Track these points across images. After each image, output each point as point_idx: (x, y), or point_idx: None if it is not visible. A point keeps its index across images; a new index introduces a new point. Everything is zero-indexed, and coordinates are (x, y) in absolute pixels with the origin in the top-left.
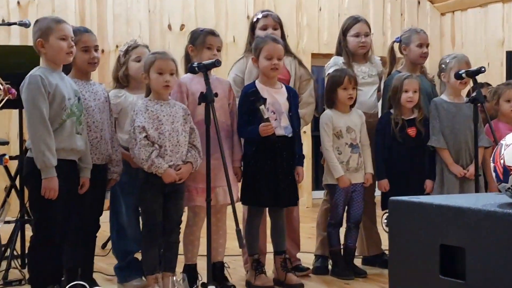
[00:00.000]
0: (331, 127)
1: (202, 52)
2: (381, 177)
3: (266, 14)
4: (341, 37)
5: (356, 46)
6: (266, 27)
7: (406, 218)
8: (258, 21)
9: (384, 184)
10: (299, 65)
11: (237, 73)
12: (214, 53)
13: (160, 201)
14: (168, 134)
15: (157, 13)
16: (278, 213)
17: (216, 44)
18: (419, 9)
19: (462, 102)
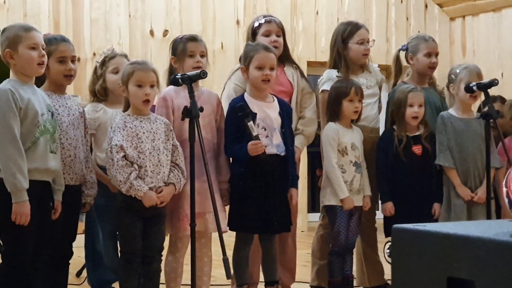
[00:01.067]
0: (337, 142)
1: (184, 62)
2: (385, 200)
3: (269, 19)
4: (340, 45)
5: (360, 54)
6: (269, 33)
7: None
8: (260, 27)
9: (388, 207)
10: (301, 77)
11: (238, 82)
12: (197, 60)
13: (139, 226)
14: (149, 153)
15: (138, 18)
16: (269, 240)
17: (199, 50)
18: (427, 13)
19: (472, 117)
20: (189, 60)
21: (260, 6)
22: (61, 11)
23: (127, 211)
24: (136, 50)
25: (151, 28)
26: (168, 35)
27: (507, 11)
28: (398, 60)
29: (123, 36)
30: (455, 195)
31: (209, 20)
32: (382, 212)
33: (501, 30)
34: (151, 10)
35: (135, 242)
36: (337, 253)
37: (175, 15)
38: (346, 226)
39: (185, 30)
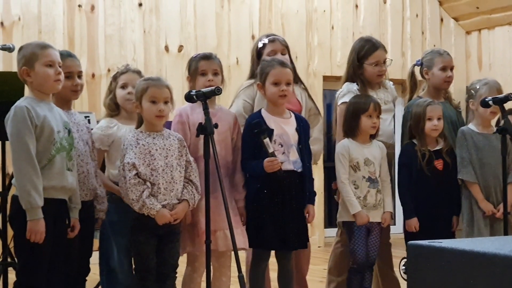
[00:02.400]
0: (347, 158)
1: (197, 80)
2: (410, 216)
3: (272, 38)
4: (355, 63)
5: (375, 75)
6: (275, 52)
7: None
8: (265, 47)
9: (413, 223)
10: (309, 98)
11: (246, 99)
12: (209, 79)
13: (153, 244)
14: (162, 170)
15: (153, 34)
16: (286, 256)
17: (211, 68)
18: (442, 28)
19: (491, 132)
20: (201, 78)
21: (276, 21)
22: (76, 28)
23: (140, 228)
24: (151, 66)
25: (166, 44)
26: (183, 50)
27: None
28: (413, 75)
29: (138, 52)
30: (478, 210)
31: (224, 35)
32: (406, 228)
33: None
34: (166, 25)
35: (149, 260)
36: (356, 270)
37: (190, 30)
38: (364, 242)
39: (200, 45)
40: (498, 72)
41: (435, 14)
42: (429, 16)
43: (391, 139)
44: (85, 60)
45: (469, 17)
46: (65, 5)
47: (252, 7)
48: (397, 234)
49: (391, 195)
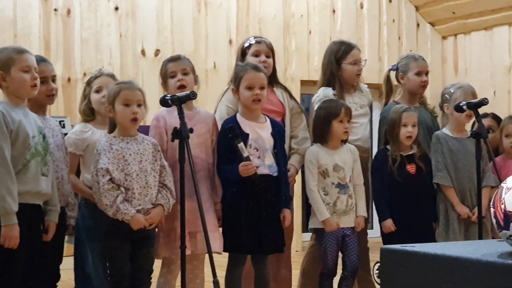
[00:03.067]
0: (316, 165)
1: (168, 83)
2: (384, 218)
3: (259, 40)
4: (333, 66)
5: (354, 75)
6: (259, 53)
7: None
8: (250, 47)
9: (389, 224)
10: (290, 98)
11: (229, 104)
12: (179, 79)
13: (128, 249)
14: (136, 175)
15: (129, 38)
16: (262, 261)
17: (180, 68)
18: (419, 33)
19: (466, 136)
20: (171, 80)
21: (253, 25)
22: (52, 32)
23: (115, 234)
24: (127, 70)
25: (142, 48)
26: (159, 54)
27: (498, 29)
28: (389, 80)
29: (114, 56)
30: (453, 214)
31: (201, 40)
32: (383, 229)
33: (493, 49)
34: (142, 29)
35: (124, 265)
36: (326, 275)
37: (166, 34)
38: (334, 248)
39: (177, 50)
40: (474, 77)
41: (412, 19)
42: (406, 21)
43: (367, 143)
44: (61, 64)
45: (445, 22)
46: (40, 9)
47: (229, 12)
48: (374, 238)
49: (364, 199)
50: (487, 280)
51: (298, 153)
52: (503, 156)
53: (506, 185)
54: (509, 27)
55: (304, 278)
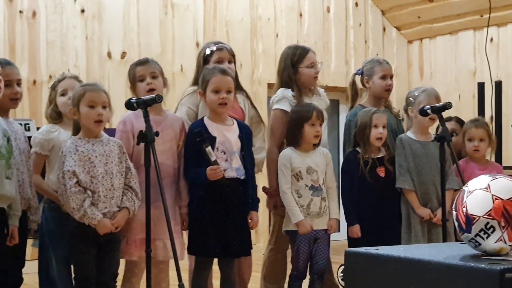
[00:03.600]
0: (289, 167)
1: (137, 87)
2: (352, 223)
3: (221, 46)
4: (290, 70)
5: (311, 78)
6: (222, 60)
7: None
8: (212, 54)
9: (355, 230)
10: (251, 106)
11: (190, 106)
12: (148, 82)
13: (93, 252)
14: (102, 178)
15: (96, 40)
16: (228, 264)
17: (148, 72)
18: (385, 37)
19: (429, 140)
20: (140, 84)
21: (220, 28)
22: (17, 34)
23: (81, 237)
24: (93, 72)
25: (108, 50)
26: (126, 57)
27: (463, 33)
28: (354, 84)
29: (80, 59)
30: (415, 217)
31: (168, 42)
32: (349, 234)
33: (458, 53)
34: (109, 32)
35: (89, 269)
36: (296, 277)
37: (133, 37)
38: (307, 250)
39: (143, 52)
40: (439, 80)
41: (378, 23)
42: (372, 25)
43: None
44: (26, 67)
45: (411, 27)
46: (5, 11)
47: (196, 14)
48: (342, 241)
49: (337, 201)
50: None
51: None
52: (465, 159)
53: (468, 188)
54: (474, 31)
55: (266, 282)
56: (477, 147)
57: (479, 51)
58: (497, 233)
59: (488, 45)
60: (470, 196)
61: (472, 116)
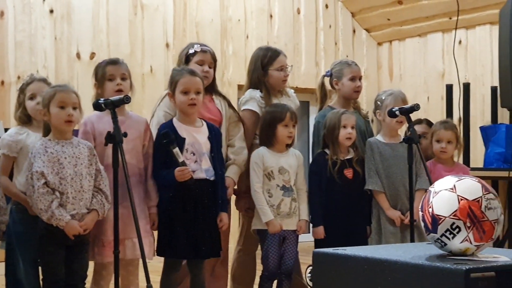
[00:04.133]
0: (261, 167)
1: (105, 86)
2: (317, 224)
3: (205, 49)
4: (259, 71)
5: (280, 81)
6: (203, 62)
7: (330, 272)
8: (195, 54)
9: (320, 231)
10: (229, 106)
11: (167, 109)
12: (118, 83)
13: (62, 254)
14: (71, 179)
15: (64, 41)
16: (198, 265)
17: (119, 73)
18: (355, 38)
19: (398, 142)
20: (109, 84)
21: (190, 29)
22: None
23: (49, 238)
24: (62, 73)
25: (77, 51)
26: (95, 58)
27: (432, 36)
28: (323, 85)
29: (49, 59)
30: (385, 219)
31: (137, 43)
32: (313, 236)
33: (427, 55)
34: (78, 32)
35: (58, 271)
36: (267, 277)
37: (102, 37)
38: (277, 250)
39: (112, 53)
40: (408, 82)
41: (348, 25)
42: (342, 27)
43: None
44: None
45: (381, 29)
46: None
47: (166, 15)
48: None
49: (307, 203)
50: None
51: (236, 163)
52: (432, 160)
53: (434, 189)
54: (443, 33)
55: (234, 283)
56: (445, 148)
57: (447, 53)
58: (462, 233)
59: (457, 48)
60: (436, 196)
61: (440, 118)
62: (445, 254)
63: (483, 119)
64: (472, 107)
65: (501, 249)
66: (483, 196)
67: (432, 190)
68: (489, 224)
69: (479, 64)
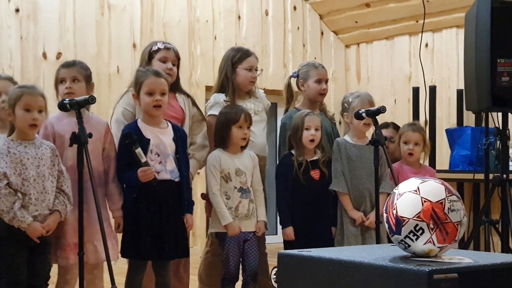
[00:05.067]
0: (218, 169)
1: (58, 89)
2: (286, 225)
3: (168, 46)
4: (229, 69)
5: (247, 81)
6: (166, 60)
7: (296, 273)
8: (158, 52)
9: (289, 232)
10: (193, 105)
11: (126, 107)
12: (67, 86)
13: (24, 256)
14: (33, 180)
15: (30, 40)
16: (163, 267)
17: (70, 75)
18: (323, 41)
19: (365, 144)
20: (60, 86)
21: (157, 29)
22: None
23: (11, 240)
24: (28, 73)
25: (44, 51)
26: (61, 58)
27: (399, 38)
28: (289, 86)
29: (15, 59)
30: (348, 220)
31: (104, 43)
32: (283, 237)
33: (394, 58)
34: (44, 32)
35: (21, 272)
36: (228, 280)
37: (69, 37)
38: (237, 253)
39: (79, 53)
40: (376, 85)
41: (316, 27)
42: (310, 29)
43: (264, 151)
44: None
45: (348, 31)
46: None
47: (133, 15)
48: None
49: (264, 204)
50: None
51: (194, 158)
52: (399, 162)
53: (398, 191)
54: (410, 36)
55: (202, 284)
56: (412, 150)
57: (414, 56)
58: (426, 235)
59: (423, 51)
60: (400, 198)
61: (407, 120)
62: (409, 255)
63: (449, 121)
64: (438, 109)
65: (464, 251)
66: (446, 198)
67: (396, 192)
68: (452, 226)
69: (446, 67)
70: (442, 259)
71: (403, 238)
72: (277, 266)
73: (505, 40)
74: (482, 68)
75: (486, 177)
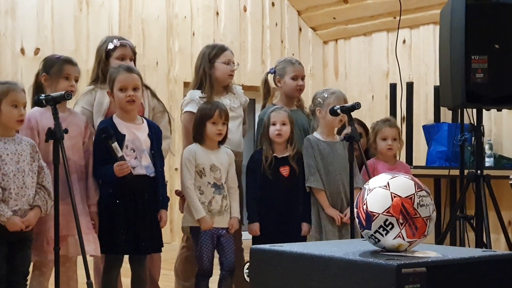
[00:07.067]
0: (193, 163)
1: (58, 83)
2: (253, 220)
3: (124, 43)
4: (206, 64)
5: (226, 75)
6: (124, 57)
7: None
8: (115, 49)
9: (254, 228)
10: (152, 96)
11: (85, 105)
12: (71, 84)
13: (4, 251)
14: (13, 175)
15: (8, 36)
16: (139, 261)
17: (74, 74)
18: (301, 37)
19: (336, 140)
20: (63, 82)
21: (136, 26)
22: None
23: None
24: (6, 69)
25: (21, 47)
26: (39, 53)
27: (377, 35)
28: (266, 82)
29: None
30: (325, 217)
31: (82, 39)
32: (248, 232)
33: (372, 54)
34: (22, 28)
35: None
36: (202, 275)
37: (47, 33)
38: (210, 248)
39: (57, 49)
40: (354, 81)
41: (294, 23)
42: (288, 25)
43: (239, 147)
44: None
45: (326, 27)
46: None
47: (111, 11)
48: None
49: (238, 201)
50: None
51: None
52: (374, 159)
53: (368, 186)
54: (387, 33)
55: (178, 278)
56: (391, 145)
57: (392, 52)
58: (395, 229)
59: (401, 47)
60: (370, 193)
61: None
62: (379, 250)
63: (426, 118)
64: (416, 106)
65: (434, 245)
66: (416, 194)
67: (366, 187)
68: (421, 221)
69: (423, 64)
70: (412, 253)
71: (373, 233)
72: (249, 261)
73: (479, 37)
74: (456, 65)
75: (461, 173)
